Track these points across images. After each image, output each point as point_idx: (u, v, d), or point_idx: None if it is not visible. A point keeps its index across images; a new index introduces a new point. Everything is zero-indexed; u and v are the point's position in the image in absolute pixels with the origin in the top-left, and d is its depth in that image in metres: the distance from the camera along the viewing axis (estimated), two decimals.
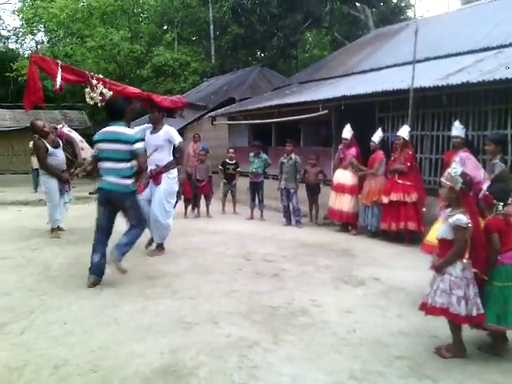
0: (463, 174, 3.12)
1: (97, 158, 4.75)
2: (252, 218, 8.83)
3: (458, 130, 5.94)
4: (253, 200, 8.97)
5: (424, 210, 6.53)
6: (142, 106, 6.55)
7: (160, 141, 5.69)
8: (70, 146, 6.82)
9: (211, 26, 22.25)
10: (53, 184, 6.68)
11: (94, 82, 5.63)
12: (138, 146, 4.59)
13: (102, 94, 5.71)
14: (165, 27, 24.14)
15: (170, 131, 5.78)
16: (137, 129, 5.65)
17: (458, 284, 3.04)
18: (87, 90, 5.71)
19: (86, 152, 6.83)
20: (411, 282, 4.66)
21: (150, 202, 5.66)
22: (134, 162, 4.62)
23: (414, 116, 7.30)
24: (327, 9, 20.08)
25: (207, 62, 22.53)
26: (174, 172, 5.79)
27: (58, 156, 6.68)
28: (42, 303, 3.97)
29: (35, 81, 5.51)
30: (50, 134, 6.69)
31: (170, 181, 5.73)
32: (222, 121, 13.94)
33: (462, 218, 3.04)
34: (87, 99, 5.73)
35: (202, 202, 9.19)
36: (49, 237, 6.75)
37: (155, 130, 5.76)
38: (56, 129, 6.92)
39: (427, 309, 3.21)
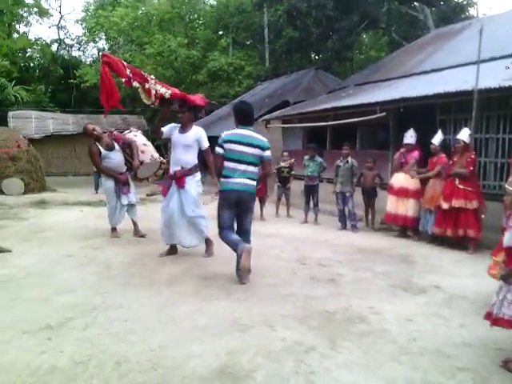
0: None
1: (223, 157, 4.73)
2: (306, 221, 8.77)
3: None
4: (307, 203, 8.91)
5: (483, 216, 6.25)
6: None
7: (189, 141, 5.54)
8: (128, 148, 6.91)
9: (266, 30, 22.40)
10: (110, 185, 6.85)
11: (152, 82, 5.41)
12: (268, 153, 4.79)
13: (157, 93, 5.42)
14: (220, 32, 24.56)
15: (199, 131, 5.63)
16: (165, 128, 5.64)
17: None
18: (146, 87, 5.35)
19: (146, 155, 6.94)
20: (474, 291, 4.45)
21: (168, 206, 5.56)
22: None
23: (478, 118, 6.99)
24: (384, 9, 19.68)
25: (261, 65, 22.70)
26: (198, 175, 5.66)
27: (113, 158, 6.78)
28: (103, 301, 4.10)
29: (110, 82, 5.17)
30: (103, 137, 6.79)
31: (196, 184, 5.59)
32: (276, 124, 13.95)
33: None
34: (144, 99, 5.55)
35: (256, 204, 9.22)
36: (109, 236, 6.99)
37: (184, 129, 5.58)
38: (111, 132, 7.05)
39: (493, 320, 3.04)
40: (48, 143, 17.60)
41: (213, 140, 15.41)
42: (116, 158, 6.83)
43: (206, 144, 5.61)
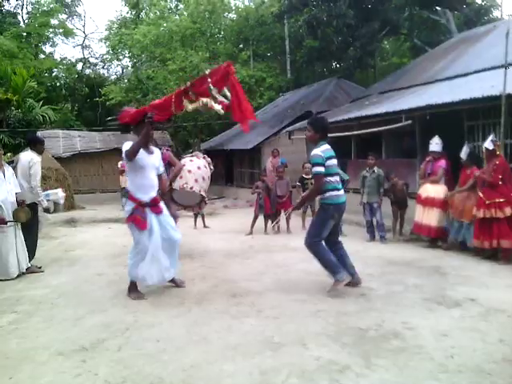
0: None
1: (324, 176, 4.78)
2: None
3: None
4: None
5: None
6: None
7: (157, 163, 5.00)
8: (167, 169, 6.58)
9: (286, 41, 22.49)
10: None
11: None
12: None
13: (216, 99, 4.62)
14: (241, 45, 24.76)
15: (158, 151, 5.16)
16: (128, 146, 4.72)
17: None
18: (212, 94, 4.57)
19: (180, 181, 6.71)
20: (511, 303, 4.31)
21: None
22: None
23: (508, 124, 6.83)
24: (406, 15, 19.50)
25: (283, 76, 22.76)
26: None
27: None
28: (135, 320, 4.12)
29: (240, 94, 4.53)
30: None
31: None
32: (300, 135, 13.93)
33: None
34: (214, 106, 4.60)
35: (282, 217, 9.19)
36: None
37: (149, 148, 4.92)
38: (164, 149, 6.79)
39: None
40: (76, 161, 17.97)
41: (235, 153, 15.49)
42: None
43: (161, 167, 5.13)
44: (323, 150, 4.81)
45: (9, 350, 3.54)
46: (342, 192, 4.91)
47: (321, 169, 4.73)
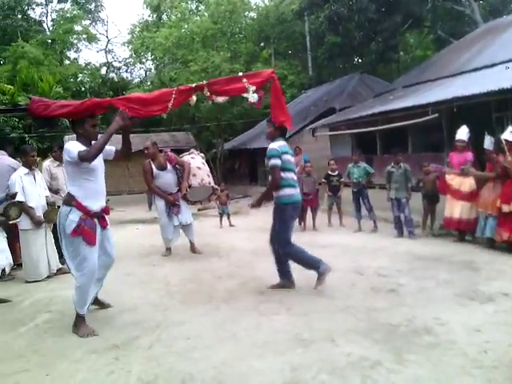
0: None
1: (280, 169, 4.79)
2: (360, 229, 8.61)
3: None
4: (358, 211, 8.76)
5: None
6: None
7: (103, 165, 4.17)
8: (180, 170, 6.91)
9: (307, 38, 22.39)
10: (160, 205, 6.89)
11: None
12: None
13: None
14: (262, 44, 24.75)
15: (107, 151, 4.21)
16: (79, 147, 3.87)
17: None
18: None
19: (197, 178, 6.88)
20: None
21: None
22: None
23: None
24: (429, 6, 19.17)
25: (304, 74, 22.66)
26: None
27: (163, 178, 6.80)
28: (165, 318, 4.17)
29: (282, 97, 4.83)
30: (158, 156, 6.81)
31: None
32: (323, 132, 13.86)
33: None
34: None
35: (309, 215, 9.17)
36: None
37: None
38: (166, 152, 7.03)
39: None
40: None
41: (258, 152, 15.50)
42: (166, 178, 6.84)
43: None
44: (279, 145, 4.81)
45: (45, 348, 3.63)
46: (297, 190, 4.94)
47: (277, 161, 4.75)
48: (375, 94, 15.30)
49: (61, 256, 6.27)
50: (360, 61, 23.57)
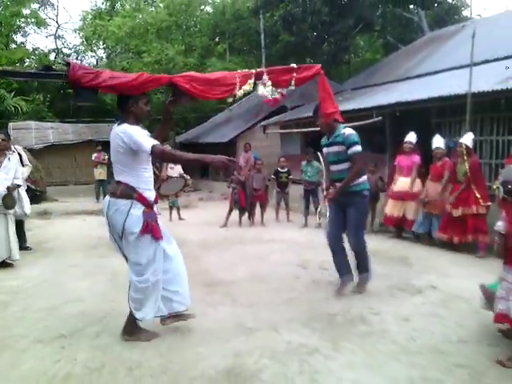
0: (504, 182, 3.25)
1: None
2: (306, 225, 8.90)
3: None
4: (307, 208, 9.04)
5: None
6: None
7: None
8: (159, 162, 6.78)
9: (262, 36, 22.57)
10: None
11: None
12: None
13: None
14: (217, 39, 24.71)
15: None
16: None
17: None
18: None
19: (175, 171, 6.90)
20: (470, 290, 4.53)
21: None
22: None
23: (472, 121, 7.14)
24: (379, 12, 19.86)
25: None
26: None
27: None
28: (112, 308, 4.22)
29: (330, 91, 4.66)
30: None
31: None
32: (275, 129, 14.10)
33: (499, 224, 3.19)
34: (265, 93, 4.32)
35: (257, 210, 9.38)
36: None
37: None
38: None
39: (494, 316, 3.29)
40: (48, 153, 17.67)
41: (210, 146, 15.47)
42: None
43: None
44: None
45: None
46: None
47: (360, 147, 4.56)
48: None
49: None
50: (313, 61, 23.99)
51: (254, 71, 4.12)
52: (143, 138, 3.30)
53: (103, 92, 3.69)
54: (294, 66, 4.32)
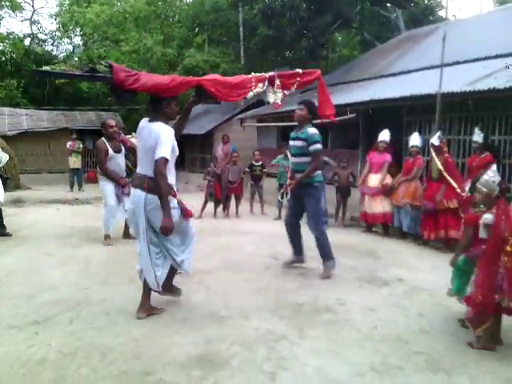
0: (500, 183, 3.58)
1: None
2: (280, 217, 9.05)
3: (476, 135, 6.12)
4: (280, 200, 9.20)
5: None
6: None
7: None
8: (132, 154, 6.65)
9: (241, 28, 22.57)
10: (109, 188, 6.59)
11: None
12: None
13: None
14: (196, 30, 24.61)
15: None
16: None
17: None
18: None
19: None
20: (434, 283, 4.80)
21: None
22: None
23: (441, 120, 7.40)
24: (357, 9, 20.10)
25: (237, 63, 22.86)
26: None
27: (117, 160, 6.60)
28: (86, 296, 4.30)
29: (327, 93, 5.26)
30: (116, 137, 6.61)
31: None
32: (251, 122, 14.21)
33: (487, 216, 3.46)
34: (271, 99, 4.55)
35: (232, 202, 9.50)
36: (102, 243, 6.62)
37: None
38: (120, 134, 6.86)
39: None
40: (22, 140, 17.38)
41: (187, 138, 15.36)
42: (120, 161, 6.64)
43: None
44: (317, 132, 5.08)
45: None
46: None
47: (320, 146, 5.12)
48: (303, 89, 15.85)
49: None
50: (291, 55, 24.13)
51: (267, 75, 4.42)
52: (166, 146, 3.59)
53: (144, 92, 3.89)
54: (300, 71, 4.71)
